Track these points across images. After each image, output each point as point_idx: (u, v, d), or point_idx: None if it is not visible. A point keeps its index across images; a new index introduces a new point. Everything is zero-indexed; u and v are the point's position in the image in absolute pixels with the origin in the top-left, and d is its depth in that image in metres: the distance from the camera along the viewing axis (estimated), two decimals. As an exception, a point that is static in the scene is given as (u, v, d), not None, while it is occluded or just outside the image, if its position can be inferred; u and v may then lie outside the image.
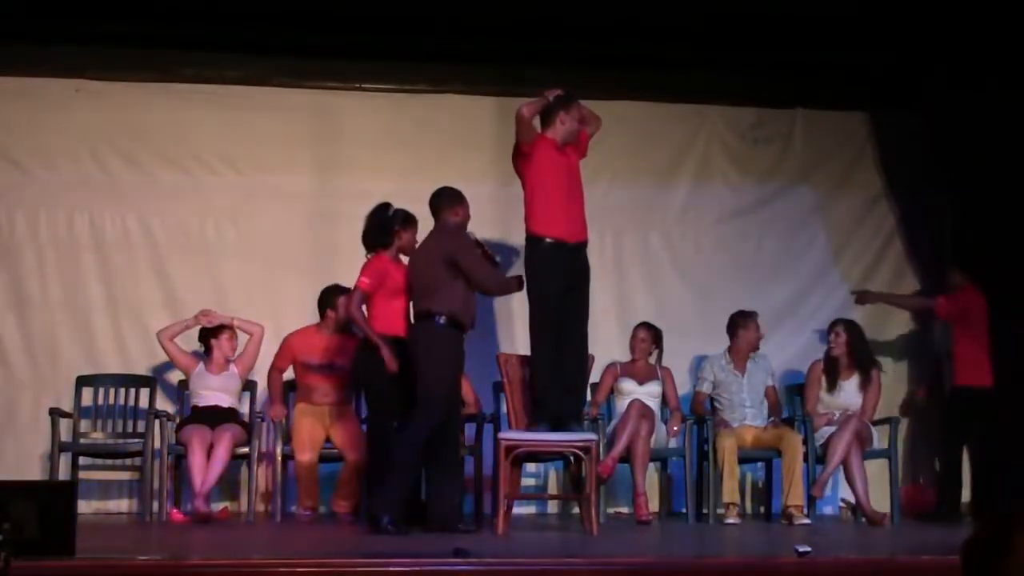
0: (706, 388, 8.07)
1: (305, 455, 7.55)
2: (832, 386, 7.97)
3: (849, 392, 7.96)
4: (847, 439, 7.61)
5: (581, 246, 6.90)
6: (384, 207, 7.10)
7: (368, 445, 7.22)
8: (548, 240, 6.78)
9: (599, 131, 7.19)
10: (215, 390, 7.70)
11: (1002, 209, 8.02)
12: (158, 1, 7.78)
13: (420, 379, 6.54)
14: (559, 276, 6.76)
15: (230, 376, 7.77)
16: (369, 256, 7.08)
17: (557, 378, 6.74)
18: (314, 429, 7.63)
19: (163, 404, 7.99)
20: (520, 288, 6.87)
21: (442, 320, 6.57)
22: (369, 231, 7.08)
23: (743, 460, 7.91)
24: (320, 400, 7.70)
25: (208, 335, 7.81)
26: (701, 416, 7.98)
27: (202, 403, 7.69)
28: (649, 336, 8.01)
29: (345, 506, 7.55)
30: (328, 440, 7.65)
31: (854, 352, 7.99)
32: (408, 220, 7.10)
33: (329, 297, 7.76)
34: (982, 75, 8.03)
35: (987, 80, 8.01)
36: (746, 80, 8.68)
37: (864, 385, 7.95)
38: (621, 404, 7.83)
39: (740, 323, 8.07)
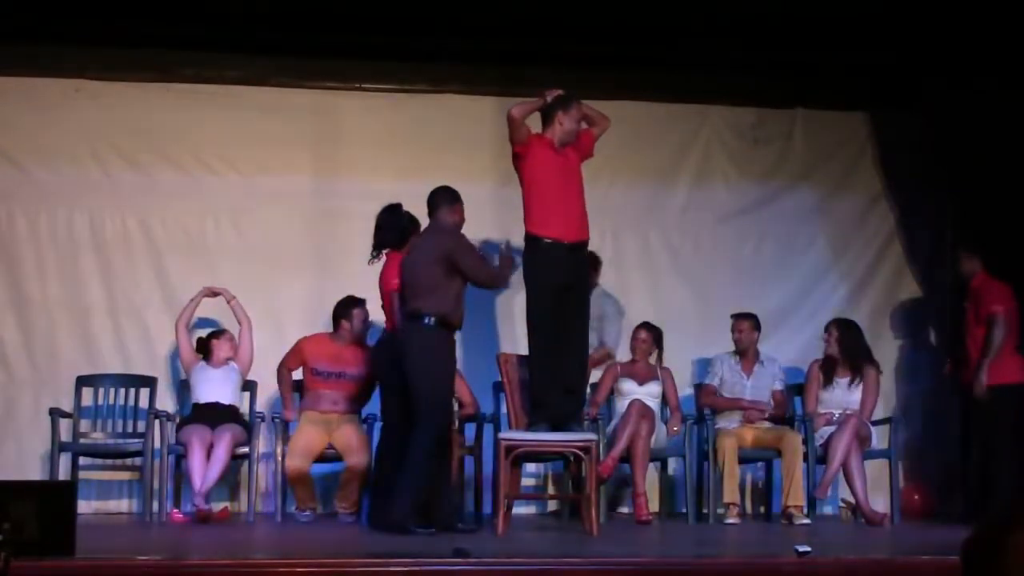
0: (716, 382, 8.06)
1: (295, 461, 7.53)
2: (827, 382, 7.97)
3: (842, 389, 7.95)
4: (847, 439, 7.61)
5: (580, 245, 6.89)
6: (397, 207, 7.10)
7: (379, 444, 7.20)
8: (546, 240, 6.77)
9: (606, 131, 7.17)
10: (216, 382, 7.71)
11: (1002, 209, 8.01)
12: (158, 1, 7.78)
13: (418, 382, 6.51)
14: (557, 276, 6.75)
15: (231, 370, 7.79)
16: (379, 255, 7.07)
17: (557, 378, 6.74)
18: (314, 437, 7.60)
19: (163, 404, 7.99)
20: (510, 275, 6.87)
21: (431, 321, 6.55)
22: (387, 230, 7.05)
23: (743, 460, 7.91)
24: (327, 408, 7.68)
25: (207, 339, 7.85)
26: (707, 408, 7.97)
27: (203, 399, 7.69)
28: (650, 337, 8.01)
29: (345, 507, 7.55)
30: (330, 446, 7.62)
31: (847, 351, 7.97)
32: (414, 222, 7.11)
33: (344, 309, 7.75)
34: (982, 75, 8.04)
35: (987, 80, 8.01)
36: (746, 80, 8.68)
37: (857, 383, 7.94)
38: (621, 404, 7.83)
39: (732, 324, 8.09)
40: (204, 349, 7.85)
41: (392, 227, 7.05)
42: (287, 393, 7.78)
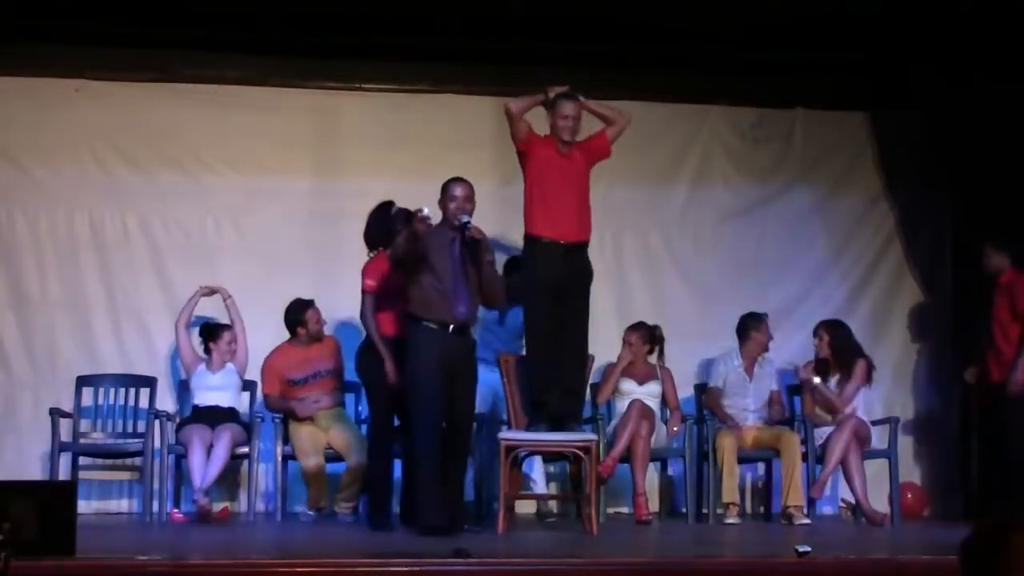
0: (720, 384, 8.03)
1: (311, 460, 7.52)
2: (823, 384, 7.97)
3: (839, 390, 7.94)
4: (846, 439, 7.61)
5: (578, 246, 6.86)
6: (387, 205, 7.09)
7: (369, 446, 7.21)
8: (543, 240, 6.77)
9: (626, 129, 7.09)
10: (215, 387, 7.72)
11: (1002, 208, 8.01)
12: (158, 1, 7.78)
13: (404, 381, 6.55)
14: (553, 276, 6.74)
15: (229, 372, 7.79)
16: (371, 255, 7.08)
17: (556, 378, 6.73)
18: (313, 434, 7.60)
19: (163, 404, 7.99)
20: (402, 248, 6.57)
21: (413, 320, 6.54)
22: (371, 228, 7.06)
23: (743, 460, 7.91)
24: (311, 408, 7.68)
25: (207, 339, 7.84)
26: (712, 412, 7.95)
27: (203, 403, 7.70)
28: (640, 338, 7.96)
29: (346, 507, 7.54)
30: (328, 446, 7.62)
31: (838, 352, 7.95)
32: (409, 219, 7.07)
33: (297, 315, 7.73)
34: (982, 74, 8.03)
35: (987, 79, 8.01)
36: (746, 80, 8.68)
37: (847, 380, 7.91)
38: (621, 404, 7.82)
39: (751, 325, 8.02)
40: (203, 345, 7.84)
41: (376, 224, 7.04)
42: (286, 405, 7.70)
